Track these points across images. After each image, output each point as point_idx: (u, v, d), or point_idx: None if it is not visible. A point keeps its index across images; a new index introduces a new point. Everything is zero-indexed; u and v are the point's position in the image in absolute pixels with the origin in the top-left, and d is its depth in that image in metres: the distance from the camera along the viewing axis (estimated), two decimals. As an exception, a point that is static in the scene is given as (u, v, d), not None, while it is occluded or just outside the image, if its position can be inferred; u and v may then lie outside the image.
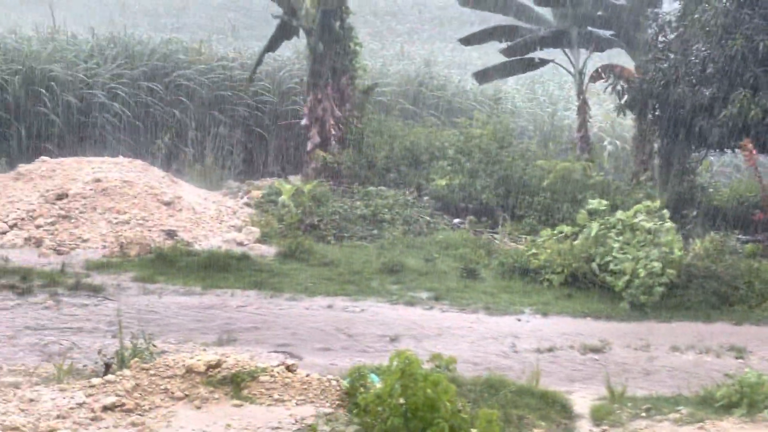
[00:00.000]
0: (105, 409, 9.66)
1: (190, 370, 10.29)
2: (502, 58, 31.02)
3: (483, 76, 31.23)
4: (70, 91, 29.48)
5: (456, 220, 23.64)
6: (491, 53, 46.80)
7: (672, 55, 22.69)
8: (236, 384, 10.25)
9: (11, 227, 19.90)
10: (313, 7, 27.17)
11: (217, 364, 10.41)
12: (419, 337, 14.69)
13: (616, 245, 17.88)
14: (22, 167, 22.99)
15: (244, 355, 11.80)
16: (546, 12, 30.53)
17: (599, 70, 29.00)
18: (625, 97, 24.78)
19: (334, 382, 10.49)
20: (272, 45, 29.01)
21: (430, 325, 15.49)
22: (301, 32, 28.12)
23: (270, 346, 13.72)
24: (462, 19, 68.41)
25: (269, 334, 14.42)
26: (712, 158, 28.32)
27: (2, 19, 40.68)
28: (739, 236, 21.77)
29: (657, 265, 17.08)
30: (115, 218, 20.25)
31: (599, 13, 27.72)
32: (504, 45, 30.87)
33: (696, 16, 21.44)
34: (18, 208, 20.57)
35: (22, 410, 9.66)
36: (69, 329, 13.93)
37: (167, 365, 10.41)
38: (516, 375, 12.61)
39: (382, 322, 15.48)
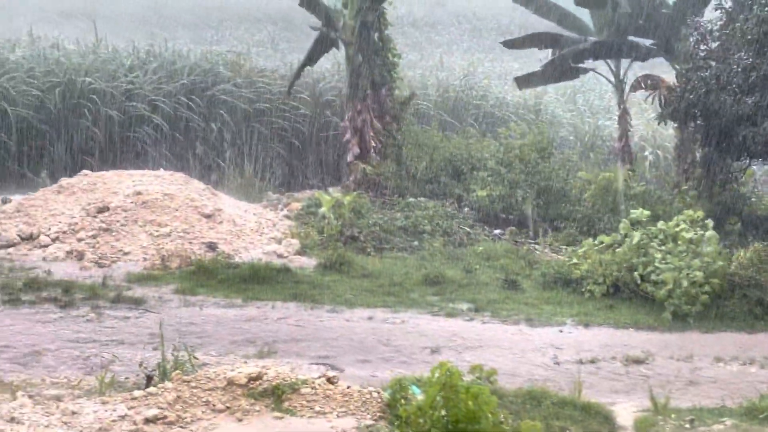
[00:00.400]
0: (147, 421, 9.67)
1: (231, 383, 10.29)
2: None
3: (524, 81, 31.12)
4: (110, 105, 29.76)
5: (496, 231, 23.56)
6: (531, 63, 46.71)
7: (713, 64, 22.49)
8: (277, 396, 10.23)
9: (53, 240, 20.04)
10: (352, 19, 27.21)
11: (258, 377, 10.40)
12: (460, 349, 14.63)
13: (659, 255, 17.73)
14: (64, 181, 23.17)
15: (284, 368, 11.77)
16: (587, 19, 30.41)
17: (640, 79, 28.83)
18: (666, 106, 24.59)
19: (375, 394, 10.45)
20: (311, 58, 29.05)
21: (470, 336, 15.42)
22: (340, 44, 28.15)
23: (310, 358, 13.71)
24: (501, 30, 68.43)
25: (310, 346, 14.40)
26: (755, 167, 28.01)
27: (44, 34, 41.00)
28: (783, 246, 21.55)
29: (700, 274, 16.93)
30: (156, 231, 20.33)
31: (640, 22, 27.54)
32: (546, 55, 30.78)
33: (738, 24, 21.24)
34: (60, 222, 20.71)
35: (65, 423, 9.69)
36: (110, 342, 14.00)
37: (208, 377, 10.41)
38: (558, 387, 12.51)
39: (422, 333, 15.43)
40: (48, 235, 20.18)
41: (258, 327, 15.30)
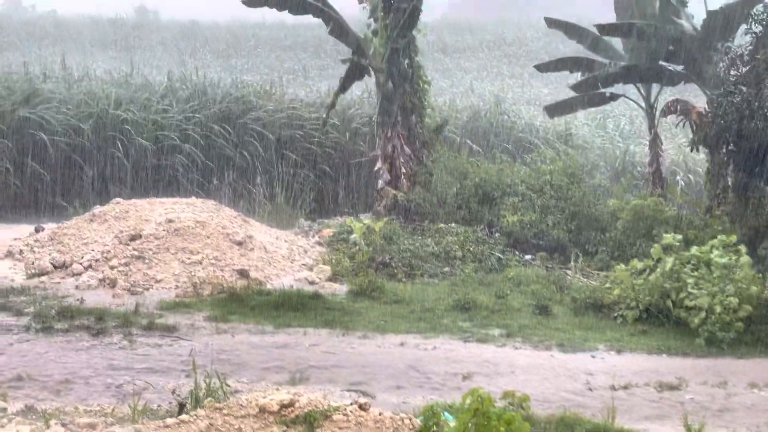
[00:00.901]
0: (179, 448, 9.70)
1: (263, 410, 10.29)
2: (572, 94, 30.93)
3: (554, 109, 31.11)
4: (142, 133, 29.99)
5: (527, 257, 23.52)
6: (561, 89, 46.73)
7: (744, 89, 22.39)
8: (310, 423, 10.22)
9: (86, 268, 20.17)
10: (382, 46, 27.35)
11: (291, 404, 10.40)
12: (492, 375, 14.58)
13: (691, 281, 17.63)
14: (97, 209, 23.38)
15: (317, 394, 11.77)
16: (618, 45, 30.44)
17: (670, 104, 28.76)
18: (698, 132, 24.50)
19: (407, 421, 10.42)
20: (344, 86, 29.15)
21: (502, 362, 15.37)
22: (371, 71, 28.26)
23: (343, 385, 13.70)
24: (530, 56, 68.42)
25: (342, 373, 14.39)
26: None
27: (77, 64, 41.47)
28: (817, 270, 21.38)
29: (734, 300, 16.81)
30: (188, 258, 20.43)
31: (670, 47, 27.51)
32: (575, 79, 30.79)
33: (768, 49, 21.20)
34: (93, 250, 20.86)
35: (98, 450, 9.73)
36: (143, 369, 14.03)
37: (241, 405, 10.42)
38: (591, 413, 12.45)
39: (454, 359, 15.40)
40: (81, 263, 20.32)
41: (290, 354, 15.31)
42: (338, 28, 27.73)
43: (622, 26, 28.20)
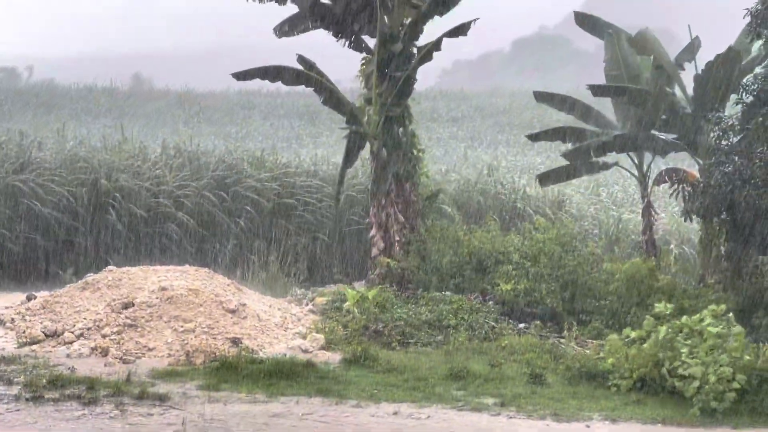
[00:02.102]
0: None
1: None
2: (565, 163, 31.09)
3: (547, 178, 31.25)
4: (136, 201, 30.06)
5: (521, 325, 23.47)
6: (554, 158, 47.02)
7: (736, 159, 22.55)
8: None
9: (78, 337, 20.10)
10: (376, 114, 27.52)
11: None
12: (486, 445, 14.50)
13: (685, 350, 17.60)
14: (90, 277, 23.35)
15: (309, 465, 11.70)
16: (609, 114, 30.66)
17: (663, 173, 28.93)
18: (690, 201, 24.61)
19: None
20: (349, 159, 29.10)
21: (497, 431, 15.28)
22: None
23: (335, 455, 13.62)
24: (524, 125, 69.05)
25: (334, 443, 14.31)
26: (780, 260, 27.92)
27: (72, 132, 41.72)
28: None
29: (727, 370, 16.78)
30: (181, 326, 20.37)
31: (662, 116, 27.73)
32: (567, 148, 30.99)
33: (759, 119, 21.34)
34: (85, 318, 20.81)
35: None
36: (134, 438, 13.95)
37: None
38: (586, 484, 12.36)
39: (448, 428, 15.32)
40: (72, 332, 20.25)
41: (282, 423, 15.23)
42: (331, 97, 27.91)
43: (616, 88, 28.40)
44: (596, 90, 28.21)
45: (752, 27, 22.55)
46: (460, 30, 26.88)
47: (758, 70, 24.59)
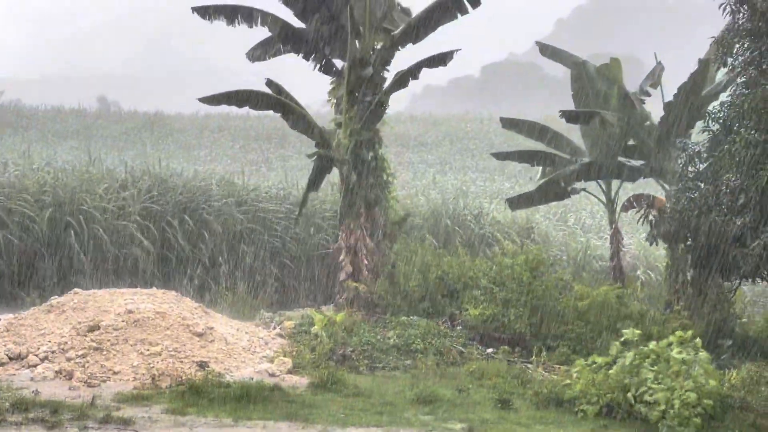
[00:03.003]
0: None
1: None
2: (534, 188, 31.26)
3: (516, 202, 31.43)
4: (101, 223, 29.87)
5: (489, 350, 23.48)
6: (522, 183, 47.22)
7: (702, 185, 22.73)
8: None
9: (42, 360, 19.90)
10: (346, 138, 27.54)
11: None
12: (453, 471, 14.46)
13: (651, 375, 17.67)
14: (55, 300, 23.14)
15: (274, 490, 11.63)
16: (577, 140, 30.85)
17: (631, 199, 29.13)
18: (657, 227, 24.76)
19: None
20: (315, 183, 29.15)
21: (463, 457, 15.27)
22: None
23: (301, 480, 13.54)
24: (494, 149, 69.25)
25: (300, 468, 14.24)
26: (745, 288, 28.11)
27: (38, 153, 41.51)
28: (775, 367, 21.53)
29: (692, 395, 16.85)
30: (147, 350, 20.22)
31: (629, 143, 27.92)
32: (536, 174, 31.17)
33: (726, 146, 21.53)
34: (49, 341, 20.61)
35: None
36: (99, 463, 13.83)
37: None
38: None
39: (415, 454, 15.28)
40: (37, 355, 20.05)
41: (248, 448, 15.14)
42: (301, 121, 27.91)
43: (585, 114, 28.55)
44: (568, 116, 28.40)
45: (718, 55, 22.77)
46: (440, 60, 26.93)
47: (724, 97, 24.83)
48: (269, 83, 27.80)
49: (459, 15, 27.12)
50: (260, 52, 29.06)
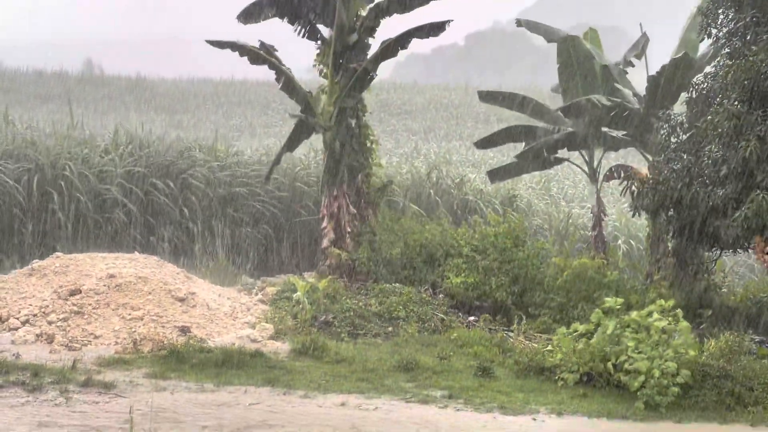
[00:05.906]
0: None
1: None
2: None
3: (497, 174, 31.39)
4: (84, 187, 29.70)
5: (470, 318, 23.56)
6: (506, 151, 47.19)
7: (685, 156, 22.75)
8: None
9: (23, 323, 19.90)
10: (330, 105, 27.44)
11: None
12: (433, 437, 14.53)
13: (631, 344, 17.76)
14: (36, 263, 23.08)
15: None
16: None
17: (613, 169, 29.15)
18: (639, 197, 24.78)
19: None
20: (291, 144, 29.11)
21: (444, 424, 15.33)
22: (318, 129, 28.30)
23: (282, 445, 13.59)
24: (477, 118, 69.24)
25: (281, 432, 14.29)
26: (725, 258, 28.21)
27: (20, 116, 41.16)
28: (753, 336, 21.66)
29: (672, 365, 16.96)
30: (129, 314, 20.23)
31: (612, 113, 27.88)
32: (520, 146, 31.11)
33: (708, 117, 21.54)
34: (30, 304, 20.59)
35: None
36: (79, 426, 13.83)
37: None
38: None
39: (395, 420, 15.35)
40: (18, 318, 20.04)
41: (230, 412, 15.18)
42: (288, 84, 27.80)
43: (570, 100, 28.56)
44: (556, 88, 28.50)
45: (703, 25, 22.75)
46: (431, 30, 26.76)
47: (708, 69, 24.82)
48: (262, 44, 27.76)
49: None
50: (249, 15, 28.82)
